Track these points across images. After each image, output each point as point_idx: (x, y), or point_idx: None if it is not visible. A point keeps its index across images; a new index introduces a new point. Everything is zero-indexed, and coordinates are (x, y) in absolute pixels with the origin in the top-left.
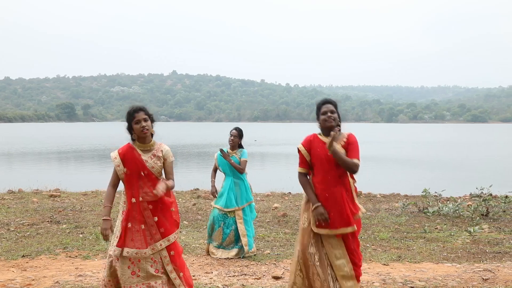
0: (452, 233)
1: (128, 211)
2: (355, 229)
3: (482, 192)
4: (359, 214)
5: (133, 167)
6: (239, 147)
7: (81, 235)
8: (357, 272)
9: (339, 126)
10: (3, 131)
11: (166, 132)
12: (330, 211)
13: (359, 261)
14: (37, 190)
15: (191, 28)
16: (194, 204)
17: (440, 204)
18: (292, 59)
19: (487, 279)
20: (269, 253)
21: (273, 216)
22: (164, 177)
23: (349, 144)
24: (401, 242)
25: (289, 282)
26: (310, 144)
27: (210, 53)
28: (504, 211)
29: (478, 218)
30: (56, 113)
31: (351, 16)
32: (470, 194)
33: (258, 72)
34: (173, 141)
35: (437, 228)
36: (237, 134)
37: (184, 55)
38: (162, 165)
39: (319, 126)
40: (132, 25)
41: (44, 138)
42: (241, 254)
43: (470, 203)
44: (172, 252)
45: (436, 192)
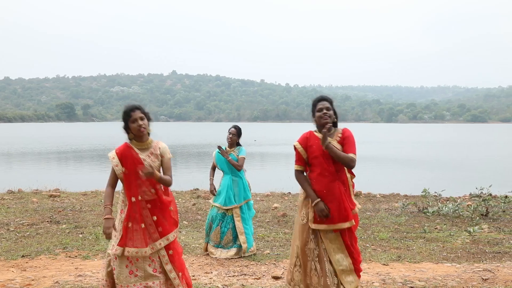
0: (451, 233)
1: (128, 210)
2: (353, 224)
3: (482, 192)
4: (356, 210)
5: (131, 166)
6: (237, 145)
7: (80, 235)
8: (356, 267)
9: (336, 123)
10: (3, 131)
11: (166, 132)
12: (328, 207)
13: (358, 255)
14: (37, 190)
15: (191, 28)
16: (194, 204)
17: (439, 204)
18: (292, 59)
19: (487, 279)
20: (269, 253)
21: (273, 216)
22: (162, 174)
23: (345, 139)
24: (401, 242)
25: (286, 278)
26: (306, 141)
27: (210, 53)
28: (504, 211)
29: (477, 218)
30: (55, 113)
31: (351, 16)
32: (470, 194)
33: (258, 72)
34: (173, 141)
35: (436, 228)
36: (236, 132)
37: (184, 55)
38: (160, 163)
39: (315, 123)
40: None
41: (44, 138)
42: (240, 253)
43: (469, 203)
44: (170, 252)
45: (435, 192)
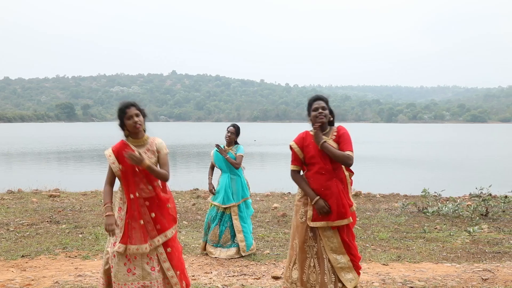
0: (451, 233)
1: (128, 207)
2: (351, 221)
3: (482, 192)
4: (353, 207)
5: (128, 164)
6: (235, 144)
7: (80, 235)
8: (355, 263)
9: (332, 122)
10: (3, 131)
11: (166, 132)
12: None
13: (356, 252)
14: (37, 190)
15: (191, 28)
16: (194, 204)
17: (439, 204)
18: (291, 59)
19: (487, 279)
20: (268, 253)
21: (273, 216)
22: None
23: (340, 137)
24: (401, 242)
25: (283, 275)
26: (303, 141)
27: (210, 53)
28: (504, 211)
29: (477, 218)
30: (55, 113)
31: (351, 16)
32: (470, 194)
33: (258, 72)
34: (172, 141)
35: (436, 228)
36: (234, 131)
37: (184, 55)
38: (157, 160)
39: (311, 123)
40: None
41: (44, 138)
42: (240, 253)
43: (469, 203)
44: (168, 249)
45: (435, 192)
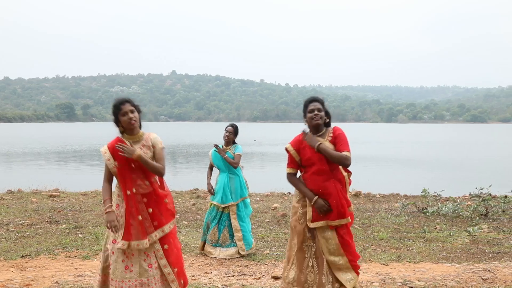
0: (451, 233)
1: (126, 204)
2: (349, 221)
3: (482, 192)
4: (351, 207)
5: (123, 160)
6: (234, 144)
7: (80, 235)
8: (354, 264)
9: (329, 123)
10: (3, 131)
11: (166, 132)
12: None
13: (355, 251)
14: (37, 190)
15: (191, 28)
16: (194, 204)
17: (439, 204)
18: (291, 59)
19: (487, 279)
20: (268, 253)
21: (273, 216)
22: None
23: (336, 138)
24: (401, 242)
25: (282, 276)
26: (299, 143)
27: (210, 53)
28: (504, 211)
29: (477, 218)
30: (55, 113)
31: (351, 16)
32: (470, 194)
33: (258, 72)
34: (172, 141)
35: (436, 228)
36: (233, 131)
37: (184, 55)
38: (152, 155)
39: (306, 124)
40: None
41: (44, 138)
42: (240, 252)
43: (469, 203)
44: (165, 246)
45: (435, 192)
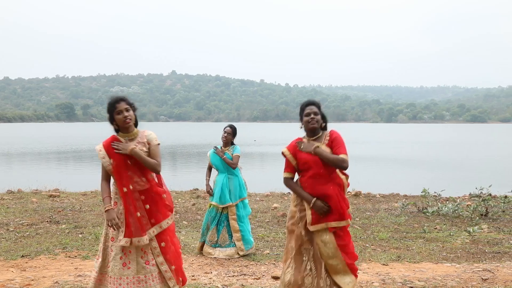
0: (451, 233)
1: (123, 201)
2: (349, 223)
3: (482, 192)
4: (349, 210)
5: (119, 157)
6: (232, 145)
7: (80, 235)
8: (352, 267)
9: (325, 126)
10: (3, 131)
11: (166, 132)
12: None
13: (353, 252)
14: (37, 190)
15: (191, 28)
16: (194, 204)
17: (439, 204)
18: (291, 59)
19: (487, 279)
20: (268, 253)
21: (273, 216)
22: None
23: (333, 141)
24: (401, 242)
25: (280, 279)
26: (295, 148)
27: (210, 53)
28: (504, 211)
29: (477, 218)
30: (55, 113)
31: (351, 16)
32: (470, 194)
33: (258, 72)
34: (172, 141)
35: (436, 228)
36: (231, 132)
37: (184, 55)
38: (148, 151)
39: (302, 128)
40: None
41: (44, 138)
42: (239, 253)
43: (469, 203)
44: (163, 244)
45: (435, 192)
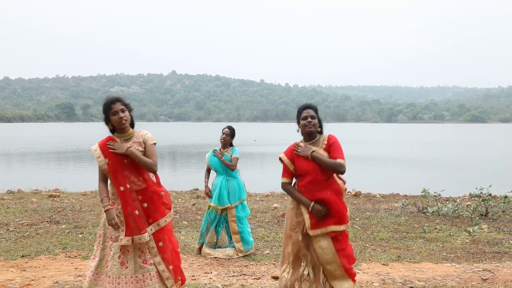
0: (451, 233)
1: (121, 201)
2: (349, 227)
3: (482, 192)
4: (348, 214)
5: (114, 157)
6: (231, 146)
7: (80, 235)
8: (350, 272)
9: (321, 131)
10: (3, 131)
11: (166, 132)
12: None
13: (350, 255)
14: (37, 190)
15: (191, 28)
16: (194, 204)
17: (439, 204)
18: (291, 59)
19: (487, 279)
20: (268, 253)
21: (273, 216)
22: None
23: (331, 146)
24: (401, 242)
25: (278, 282)
26: (292, 153)
27: (210, 53)
28: (504, 211)
29: (477, 218)
30: (55, 113)
31: (351, 16)
32: (470, 194)
33: (258, 72)
34: (172, 141)
35: (436, 228)
36: (229, 133)
37: (184, 55)
38: (144, 151)
39: (299, 131)
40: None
41: (44, 138)
42: (238, 253)
43: (469, 203)
44: (160, 243)
45: (435, 192)
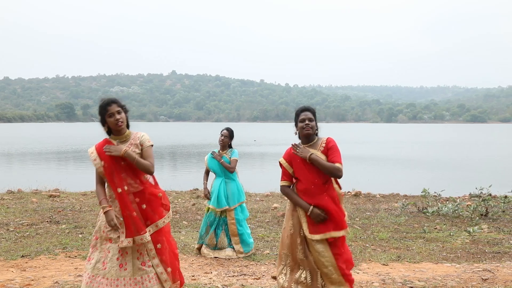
0: (451, 233)
1: (119, 203)
2: (348, 232)
3: (482, 192)
4: (346, 218)
5: (111, 160)
6: (229, 148)
7: (80, 235)
8: (347, 278)
9: (316, 134)
10: (3, 131)
11: (166, 132)
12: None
13: (348, 259)
14: (37, 190)
15: (191, 28)
16: (194, 204)
17: (439, 204)
18: (291, 59)
19: (487, 279)
20: (268, 253)
21: (273, 216)
22: None
23: (329, 149)
24: (401, 242)
25: (276, 282)
26: (291, 156)
27: (210, 53)
28: (504, 211)
29: (477, 218)
30: (55, 113)
31: (351, 16)
32: (470, 194)
33: (258, 72)
34: (173, 141)
35: (436, 228)
36: (228, 134)
37: (184, 55)
38: (141, 153)
39: (297, 134)
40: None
41: (44, 138)
42: (237, 254)
43: (469, 203)
44: (158, 245)
45: (435, 192)
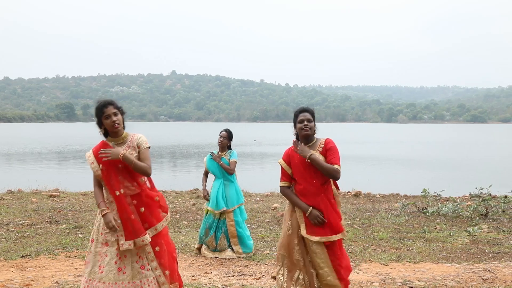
0: (451, 233)
1: (117, 206)
2: (345, 235)
3: (482, 192)
4: (343, 221)
5: (108, 163)
6: (229, 149)
7: (80, 235)
8: (344, 281)
9: (315, 134)
10: (3, 131)
11: (166, 132)
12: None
13: (346, 265)
14: (37, 190)
15: (191, 28)
16: (194, 204)
17: (439, 204)
18: (291, 59)
19: (487, 279)
20: (268, 253)
21: (273, 216)
22: None
23: (328, 150)
24: (401, 242)
25: (276, 282)
26: (289, 157)
27: (210, 53)
28: (504, 211)
29: (477, 218)
30: (55, 113)
31: (351, 16)
32: (470, 194)
33: (258, 72)
34: (173, 141)
35: (436, 228)
36: (227, 136)
37: (184, 55)
38: (138, 155)
39: (296, 134)
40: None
41: (44, 138)
42: (236, 255)
43: (469, 203)
44: (157, 248)
45: (435, 192)
